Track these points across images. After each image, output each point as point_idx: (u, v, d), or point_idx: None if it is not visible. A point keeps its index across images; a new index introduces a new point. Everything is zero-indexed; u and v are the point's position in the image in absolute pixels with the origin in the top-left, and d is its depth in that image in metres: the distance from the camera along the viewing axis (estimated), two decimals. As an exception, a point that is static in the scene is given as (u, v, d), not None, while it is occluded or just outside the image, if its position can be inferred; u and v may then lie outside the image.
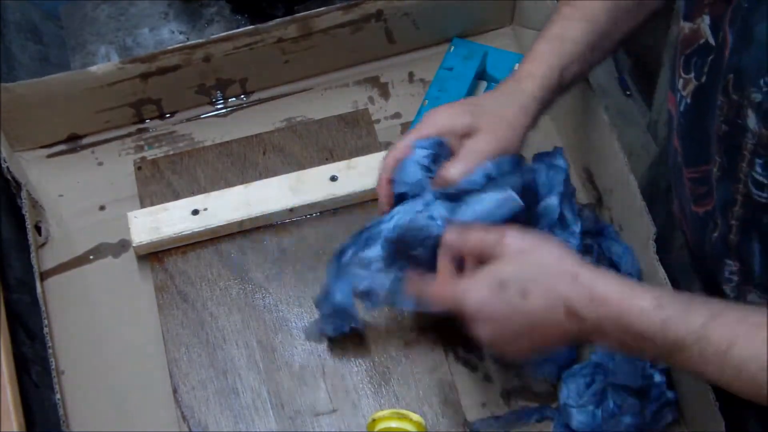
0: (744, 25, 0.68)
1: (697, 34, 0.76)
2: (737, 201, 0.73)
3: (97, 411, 0.91)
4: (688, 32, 0.77)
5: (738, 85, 0.69)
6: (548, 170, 0.96)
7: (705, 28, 0.75)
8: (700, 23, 0.75)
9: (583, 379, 0.88)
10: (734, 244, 0.76)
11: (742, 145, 0.70)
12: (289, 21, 1.03)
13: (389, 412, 0.81)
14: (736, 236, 0.75)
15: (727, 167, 0.73)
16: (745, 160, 0.70)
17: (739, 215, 0.73)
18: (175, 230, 0.96)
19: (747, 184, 0.71)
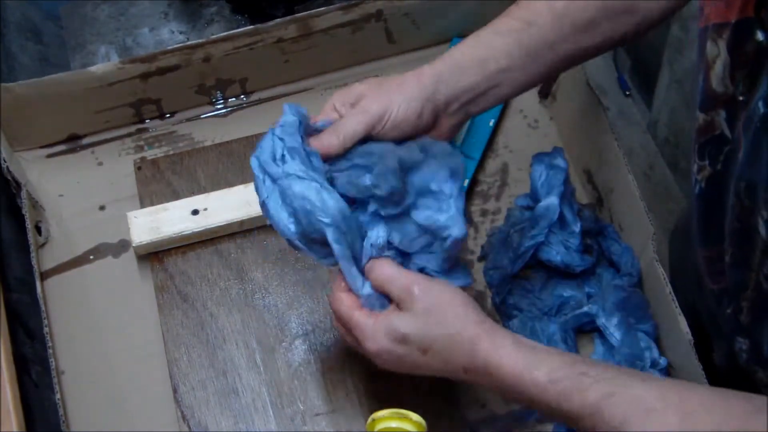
0: (756, 142, 0.68)
1: (712, 126, 0.75)
2: (749, 286, 0.73)
3: (97, 411, 0.91)
4: (703, 123, 0.76)
5: (750, 194, 0.69)
6: (548, 170, 0.96)
7: (721, 122, 0.74)
8: (715, 116, 0.75)
9: (583, 379, 0.88)
10: (745, 324, 0.76)
11: (754, 241, 0.70)
12: (289, 21, 1.03)
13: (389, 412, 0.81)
14: (747, 317, 0.75)
15: (739, 257, 0.73)
16: (756, 255, 0.70)
17: (750, 298, 0.74)
18: (175, 230, 0.96)
19: (759, 275, 0.71)
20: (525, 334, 0.91)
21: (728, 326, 0.79)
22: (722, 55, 0.72)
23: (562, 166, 0.96)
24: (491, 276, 0.96)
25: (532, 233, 0.94)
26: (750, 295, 0.74)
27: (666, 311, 0.88)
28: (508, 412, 0.90)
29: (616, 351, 0.88)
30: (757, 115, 0.67)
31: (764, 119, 0.66)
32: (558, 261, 0.93)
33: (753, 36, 0.67)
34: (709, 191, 0.77)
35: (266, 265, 0.97)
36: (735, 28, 0.70)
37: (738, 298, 0.75)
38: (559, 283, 0.95)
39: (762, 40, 0.67)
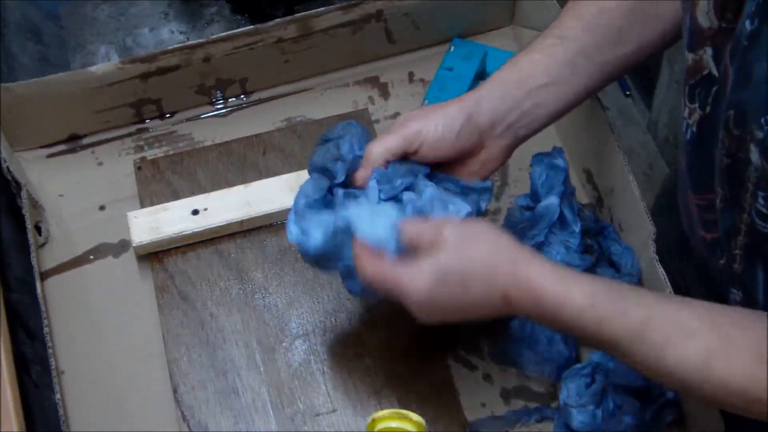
0: (743, 62, 0.68)
1: (700, 65, 0.75)
2: (741, 230, 0.73)
3: (97, 411, 0.91)
4: (692, 63, 0.77)
5: (739, 121, 0.69)
6: (548, 170, 0.96)
7: (708, 60, 0.74)
8: (703, 54, 0.75)
9: (583, 379, 0.88)
10: (738, 273, 0.76)
11: (744, 177, 0.70)
12: (289, 21, 1.03)
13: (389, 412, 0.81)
14: (740, 265, 0.75)
15: (730, 198, 0.73)
16: (748, 192, 0.70)
17: (742, 245, 0.74)
18: (175, 230, 0.96)
19: (750, 215, 0.71)
20: (525, 332, 0.91)
21: (722, 278, 0.79)
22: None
23: (562, 166, 0.96)
24: (491, 276, 0.96)
25: (532, 233, 0.94)
26: (742, 241, 0.74)
27: (666, 311, 0.88)
28: (508, 412, 0.90)
29: (616, 351, 0.88)
30: (744, 35, 0.67)
31: (751, 36, 0.66)
32: (558, 261, 0.93)
33: None
34: (700, 134, 0.77)
35: (266, 265, 0.97)
36: None
37: (730, 246, 0.75)
38: (559, 283, 0.95)
39: None
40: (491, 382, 0.92)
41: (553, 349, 0.91)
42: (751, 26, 0.66)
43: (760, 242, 0.71)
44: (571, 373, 0.89)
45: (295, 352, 0.92)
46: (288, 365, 0.91)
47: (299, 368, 0.91)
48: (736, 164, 0.70)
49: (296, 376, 0.90)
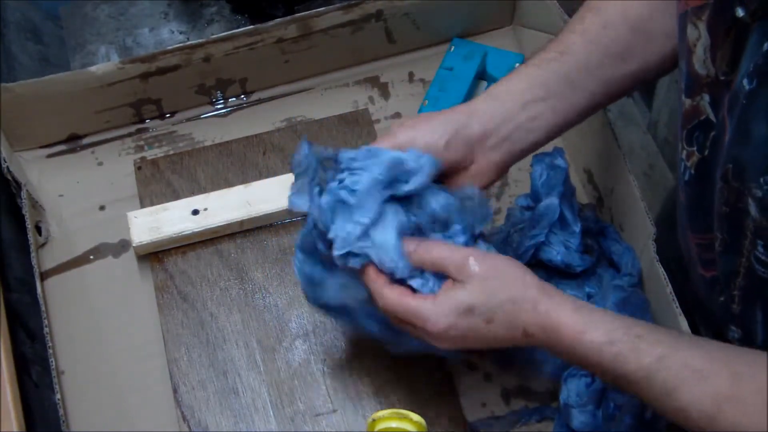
0: (742, 119, 0.68)
1: (698, 110, 0.75)
2: (740, 273, 0.73)
3: (97, 411, 0.91)
4: (689, 108, 0.77)
5: (737, 175, 0.69)
6: (548, 170, 0.96)
7: (705, 106, 0.74)
8: (700, 101, 0.75)
9: (583, 379, 0.88)
10: (737, 313, 0.76)
11: (743, 225, 0.70)
12: (289, 21, 1.03)
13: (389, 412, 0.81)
14: (739, 306, 0.76)
15: (729, 243, 0.73)
16: (747, 239, 0.70)
17: (741, 286, 0.74)
18: (175, 230, 0.96)
19: (749, 260, 0.71)
20: (525, 333, 0.91)
21: (721, 315, 0.79)
22: (703, 37, 0.72)
23: (563, 166, 0.96)
24: (491, 276, 0.96)
25: (533, 233, 0.94)
26: (741, 282, 0.74)
27: (666, 311, 0.88)
28: (508, 412, 0.90)
29: (617, 351, 0.88)
30: (742, 93, 0.67)
31: (750, 96, 0.66)
32: (558, 261, 0.93)
33: (733, 13, 0.67)
34: (698, 177, 0.77)
35: (266, 265, 0.97)
36: (714, 6, 0.70)
37: (729, 287, 0.75)
38: (559, 283, 0.95)
39: (743, 15, 0.67)
40: (491, 382, 0.92)
41: (553, 349, 0.90)
42: (749, 85, 0.66)
43: (760, 285, 0.71)
44: (571, 373, 0.89)
45: (295, 352, 0.92)
46: (288, 365, 0.91)
47: (299, 368, 0.91)
48: (735, 213, 0.70)
49: (296, 376, 0.90)
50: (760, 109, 0.65)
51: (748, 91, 0.66)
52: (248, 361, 0.91)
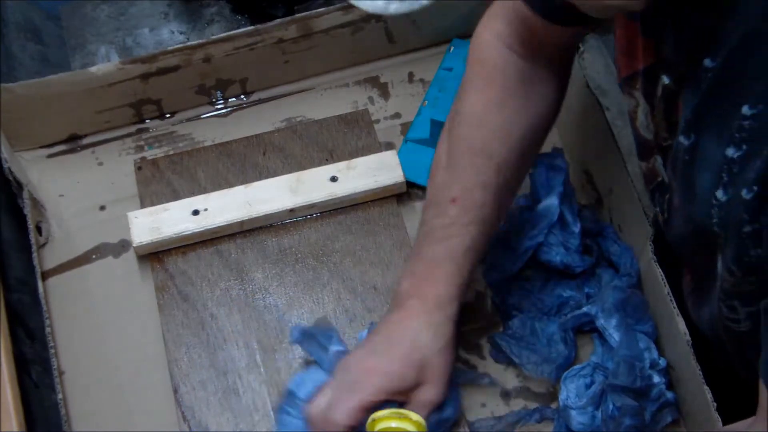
0: (686, 177, 0.69)
1: (654, 173, 0.77)
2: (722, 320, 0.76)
3: (98, 411, 0.91)
4: (646, 170, 0.79)
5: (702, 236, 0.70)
6: (548, 170, 0.96)
7: (659, 168, 0.76)
8: (654, 163, 0.77)
9: (582, 380, 0.88)
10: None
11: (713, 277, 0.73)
12: (289, 21, 1.03)
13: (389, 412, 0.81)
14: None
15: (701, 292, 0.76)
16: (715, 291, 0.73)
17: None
18: (176, 230, 0.96)
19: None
20: (525, 333, 0.92)
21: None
22: (641, 104, 0.74)
23: (562, 166, 0.96)
24: (491, 276, 0.96)
25: (532, 233, 0.94)
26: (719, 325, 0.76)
27: (665, 312, 0.88)
28: (508, 412, 0.90)
29: (615, 352, 0.88)
30: (681, 151, 0.68)
31: (690, 151, 0.67)
32: (558, 261, 0.93)
33: (660, 80, 0.69)
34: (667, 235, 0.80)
35: (266, 266, 0.97)
36: (643, 75, 0.72)
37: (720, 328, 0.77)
38: (558, 283, 0.95)
39: (668, 83, 0.69)
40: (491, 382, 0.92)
41: (552, 349, 0.91)
42: (687, 141, 0.67)
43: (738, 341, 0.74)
44: (570, 374, 0.89)
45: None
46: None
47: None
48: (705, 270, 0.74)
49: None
50: (701, 161, 0.66)
51: (686, 147, 0.67)
52: (249, 361, 0.91)
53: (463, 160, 0.84)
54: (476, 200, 0.83)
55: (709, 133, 0.65)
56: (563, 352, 0.91)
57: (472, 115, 0.85)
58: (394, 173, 0.99)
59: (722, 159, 0.64)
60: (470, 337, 0.94)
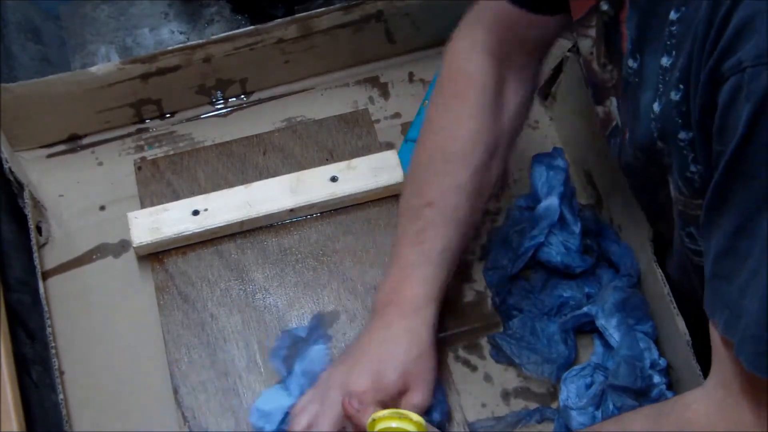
0: (635, 100, 0.70)
1: (609, 116, 0.78)
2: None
3: (97, 412, 0.91)
4: (602, 115, 0.80)
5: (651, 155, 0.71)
6: (548, 171, 0.96)
7: (614, 111, 0.77)
8: (610, 106, 0.78)
9: (582, 381, 0.88)
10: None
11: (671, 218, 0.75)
12: (289, 21, 1.03)
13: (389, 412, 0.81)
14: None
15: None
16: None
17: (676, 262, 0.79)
18: (176, 231, 0.96)
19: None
20: (525, 333, 0.92)
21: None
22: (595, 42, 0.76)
23: (562, 166, 0.96)
24: (491, 276, 0.96)
25: (532, 234, 0.94)
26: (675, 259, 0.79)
27: (665, 312, 0.88)
28: (508, 412, 0.90)
29: (615, 352, 0.88)
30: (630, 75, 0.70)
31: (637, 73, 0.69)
32: (558, 262, 0.93)
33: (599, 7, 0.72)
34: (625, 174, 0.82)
35: (266, 266, 0.97)
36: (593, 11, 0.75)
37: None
38: (558, 283, 0.95)
39: (606, 9, 0.72)
40: (491, 382, 0.92)
41: (552, 350, 0.91)
42: (634, 63, 0.69)
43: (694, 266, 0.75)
44: (570, 374, 0.89)
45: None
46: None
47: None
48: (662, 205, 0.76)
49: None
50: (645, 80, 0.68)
51: (634, 70, 0.69)
52: (249, 361, 0.91)
53: (437, 166, 0.86)
54: (450, 203, 0.85)
55: (649, 49, 0.68)
56: (563, 352, 0.91)
57: (445, 123, 0.87)
58: (394, 173, 0.99)
59: (659, 70, 0.66)
60: (470, 337, 0.94)
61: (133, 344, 0.94)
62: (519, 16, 0.83)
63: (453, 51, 0.89)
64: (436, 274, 0.85)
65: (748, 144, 0.57)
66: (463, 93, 0.87)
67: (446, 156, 0.86)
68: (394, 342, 0.83)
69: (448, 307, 0.95)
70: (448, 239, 0.85)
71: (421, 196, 0.86)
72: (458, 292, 0.96)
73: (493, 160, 0.87)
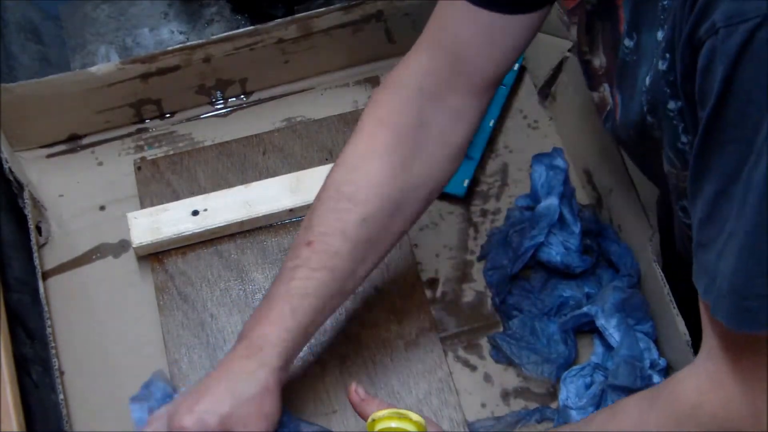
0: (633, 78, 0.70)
1: (604, 101, 0.78)
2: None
3: (97, 412, 0.91)
4: (598, 100, 0.80)
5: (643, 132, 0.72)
6: (548, 171, 0.96)
7: (608, 95, 0.77)
8: (603, 92, 0.78)
9: (582, 380, 0.88)
10: None
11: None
12: (289, 21, 1.03)
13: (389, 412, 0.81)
14: None
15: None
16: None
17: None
18: (176, 231, 0.96)
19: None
20: (525, 333, 0.92)
21: None
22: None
23: (562, 166, 0.96)
24: (491, 276, 0.96)
25: (532, 234, 0.94)
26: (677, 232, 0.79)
27: (665, 312, 0.88)
28: (508, 412, 0.90)
29: (615, 352, 0.88)
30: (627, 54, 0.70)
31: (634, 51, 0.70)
32: (558, 261, 0.93)
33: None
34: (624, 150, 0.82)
35: (266, 266, 0.97)
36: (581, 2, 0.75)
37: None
38: (558, 283, 0.95)
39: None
40: (491, 382, 0.92)
41: (552, 349, 0.91)
42: (631, 42, 0.69)
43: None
44: (570, 374, 0.89)
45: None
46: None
47: (299, 369, 0.91)
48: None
49: (296, 377, 0.90)
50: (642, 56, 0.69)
51: (631, 49, 0.69)
52: (248, 361, 0.91)
53: (328, 203, 0.80)
54: (330, 247, 0.78)
55: (645, 26, 0.68)
56: (563, 352, 0.91)
57: (350, 158, 0.80)
58: (394, 173, 0.99)
59: (654, 45, 0.66)
60: (470, 337, 0.94)
61: (133, 344, 0.94)
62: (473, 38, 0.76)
63: (384, 79, 0.83)
64: (293, 316, 0.77)
65: (722, 107, 0.56)
66: (373, 132, 0.80)
67: (339, 195, 0.79)
68: (226, 383, 0.76)
69: (448, 307, 0.95)
70: (318, 283, 0.78)
71: (306, 233, 0.79)
72: (458, 292, 0.96)
73: (393, 213, 0.80)
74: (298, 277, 0.78)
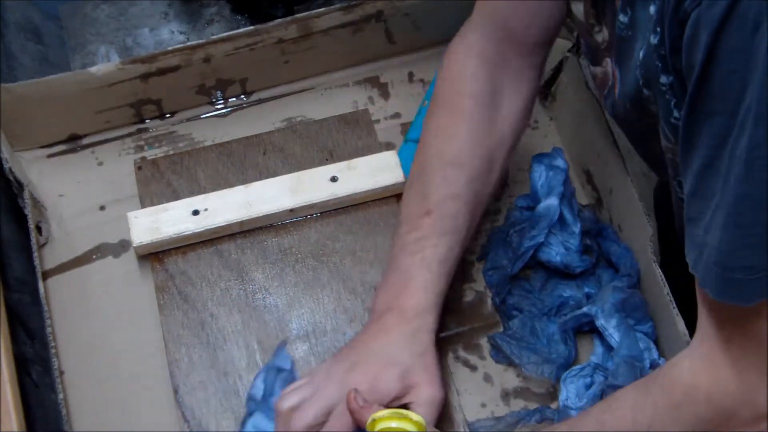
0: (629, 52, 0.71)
1: (606, 77, 0.79)
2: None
3: (97, 412, 0.91)
4: (601, 75, 0.80)
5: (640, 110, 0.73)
6: (548, 171, 0.96)
7: (610, 70, 0.78)
8: (607, 66, 0.78)
9: (582, 381, 0.88)
10: None
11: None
12: (289, 21, 1.03)
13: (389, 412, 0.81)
14: None
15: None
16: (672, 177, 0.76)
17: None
18: (176, 230, 0.96)
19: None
20: (525, 333, 0.92)
21: None
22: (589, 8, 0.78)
23: (562, 166, 0.96)
24: (491, 276, 0.96)
25: (532, 234, 0.94)
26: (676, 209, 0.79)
27: (665, 312, 0.88)
28: (508, 412, 0.90)
29: (615, 352, 0.88)
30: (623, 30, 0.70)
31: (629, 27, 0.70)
32: (558, 262, 0.93)
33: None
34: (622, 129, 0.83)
35: (266, 266, 0.97)
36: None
37: None
38: (558, 283, 0.95)
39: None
40: (491, 382, 0.92)
41: (552, 349, 0.91)
42: (626, 18, 0.69)
43: None
44: (570, 375, 0.89)
45: (296, 352, 0.92)
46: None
47: (299, 369, 0.91)
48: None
49: (297, 377, 0.90)
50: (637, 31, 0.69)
51: (626, 24, 0.70)
52: (249, 361, 0.91)
53: (434, 173, 0.87)
54: (449, 211, 0.86)
55: (639, 1, 0.68)
56: (563, 352, 0.91)
57: (442, 129, 0.88)
58: (394, 173, 0.99)
59: (647, 19, 0.66)
60: (470, 337, 0.94)
61: (133, 344, 0.94)
62: (515, 9, 0.83)
63: (448, 56, 0.90)
64: (435, 283, 0.85)
65: (706, 78, 0.57)
66: (456, 102, 0.88)
67: (443, 162, 0.87)
68: (394, 346, 0.83)
69: (448, 307, 0.95)
70: (447, 248, 0.85)
71: (420, 204, 0.86)
72: (458, 292, 0.96)
73: (491, 169, 0.88)
74: (429, 245, 0.85)
